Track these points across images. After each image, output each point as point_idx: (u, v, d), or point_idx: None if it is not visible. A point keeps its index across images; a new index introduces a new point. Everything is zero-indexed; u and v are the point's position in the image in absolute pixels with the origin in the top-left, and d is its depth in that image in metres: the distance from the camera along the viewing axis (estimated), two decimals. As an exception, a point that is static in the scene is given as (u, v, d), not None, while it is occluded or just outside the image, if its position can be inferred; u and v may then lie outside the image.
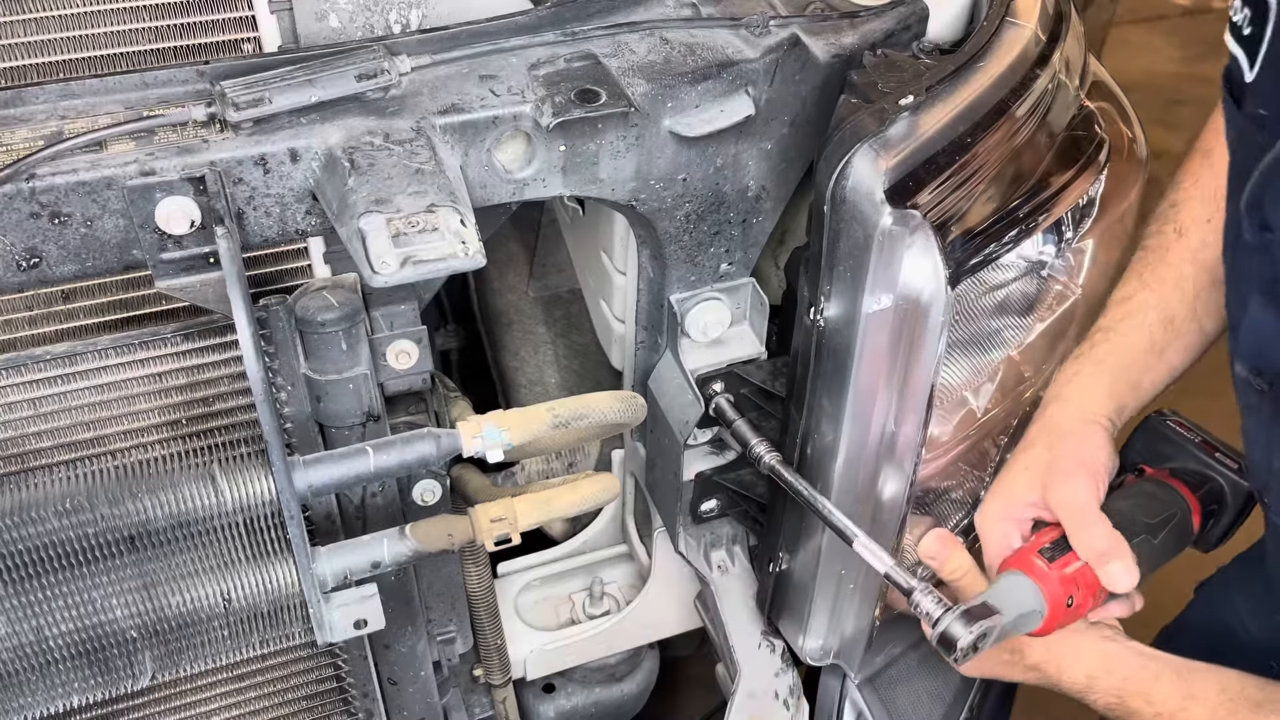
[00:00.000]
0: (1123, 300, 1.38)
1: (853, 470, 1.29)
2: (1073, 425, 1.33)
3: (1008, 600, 1.21)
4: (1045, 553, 1.26)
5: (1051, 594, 1.23)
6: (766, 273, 1.46)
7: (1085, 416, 1.33)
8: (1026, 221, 1.21)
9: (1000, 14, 1.26)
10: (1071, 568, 1.25)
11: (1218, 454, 1.43)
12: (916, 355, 1.17)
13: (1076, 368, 1.37)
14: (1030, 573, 1.24)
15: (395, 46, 1.11)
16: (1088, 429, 1.33)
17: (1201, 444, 1.45)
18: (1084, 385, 1.35)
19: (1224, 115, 1.19)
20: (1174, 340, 1.35)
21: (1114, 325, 1.37)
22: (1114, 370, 1.35)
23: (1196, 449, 1.44)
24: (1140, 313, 1.36)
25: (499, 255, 1.91)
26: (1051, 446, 1.33)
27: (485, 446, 1.16)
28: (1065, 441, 1.32)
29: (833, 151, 1.13)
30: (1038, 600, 1.22)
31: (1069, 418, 1.34)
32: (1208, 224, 1.33)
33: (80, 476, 1.10)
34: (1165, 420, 1.48)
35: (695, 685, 2.11)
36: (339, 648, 1.43)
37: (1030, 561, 1.26)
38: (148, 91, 1.08)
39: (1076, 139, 1.30)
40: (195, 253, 1.04)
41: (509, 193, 1.14)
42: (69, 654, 1.12)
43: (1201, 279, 1.34)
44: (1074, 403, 1.35)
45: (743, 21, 1.20)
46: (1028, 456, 1.34)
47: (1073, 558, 1.26)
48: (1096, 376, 1.35)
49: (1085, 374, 1.36)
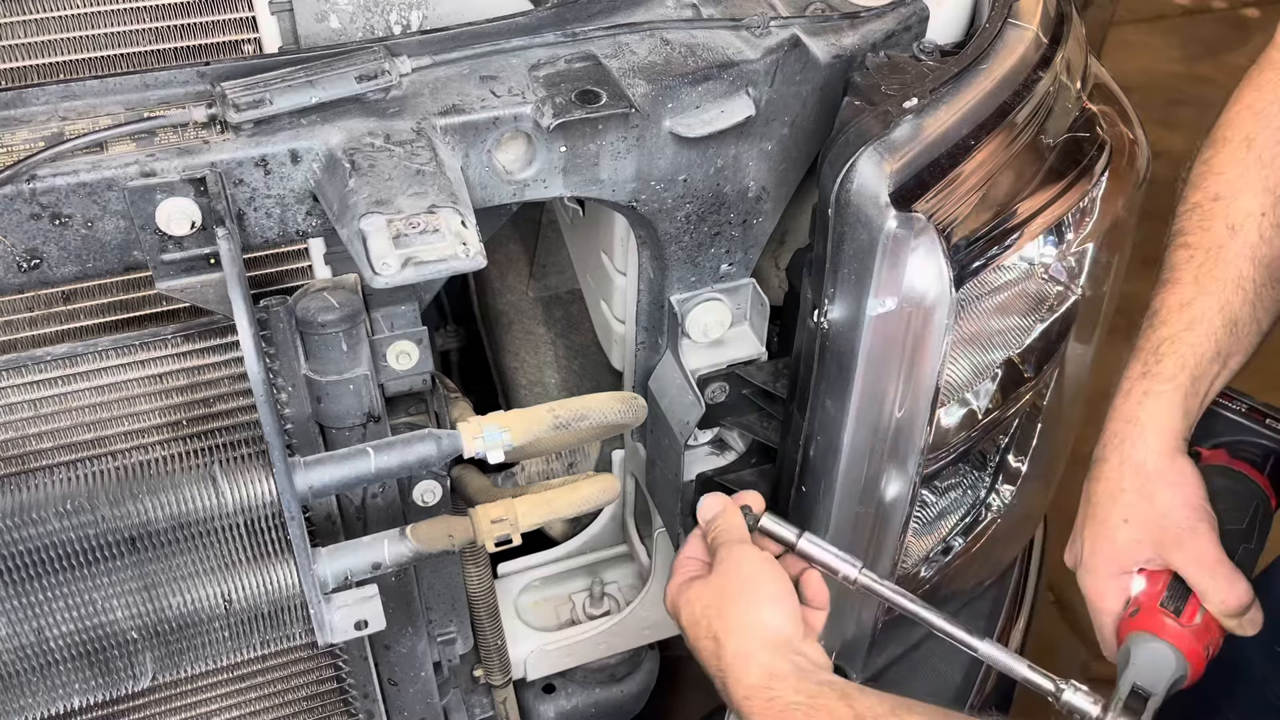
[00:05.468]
0: (1182, 306, 1.29)
1: (856, 472, 1.29)
2: (1161, 462, 1.26)
3: (1153, 674, 1.17)
4: (1168, 605, 1.21)
5: (1191, 651, 1.20)
6: (767, 273, 1.46)
7: (1168, 446, 1.26)
8: (1029, 224, 1.21)
9: (1002, 16, 1.26)
10: (1199, 616, 1.21)
11: (1268, 419, 1.36)
12: (921, 357, 1.18)
13: (1146, 386, 1.28)
14: (1164, 634, 1.20)
15: (396, 47, 1.11)
16: (1177, 464, 1.26)
17: (1249, 412, 1.37)
18: (1159, 408, 1.27)
19: None
20: (1237, 344, 1.29)
21: (1178, 335, 1.28)
22: (1185, 386, 1.27)
23: (1245, 419, 1.37)
24: (1204, 319, 1.27)
25: (499, 256, 1.91)
26: (1149, 494, 1.25)
27: (486, 447, 1.16)
28: (1162, 485, 1.25)
29: (837, 154, 1.13)
30: (1180, 664, 1.19)
31: (1153, 451, 1.26)
32: (1263, 218, 1.27)
33: (81, 477, 1.10)
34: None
35: (695, 685, 2.11)
36: (339, 648, 1.43)
37: (1161, 622, 1.20)
38: (148, 93, 1.08)
39: (1078, 141, 1.30)
40: (196, 254, 1.04)
41: (510, 194, 1.14)
42: (70, 655, 1.12)
43: (1260, 277, 1.27)
44: (1152, 430, 1.27)
45: (743, 22, 1.20)
46: (1122, 505, 1.26)
47: (1195, 602, 1.21)
48: (1171, 396, 1.27)
49: (1158, 394, 1.27)
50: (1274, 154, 1.29)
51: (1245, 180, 1.30)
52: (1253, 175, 1.30)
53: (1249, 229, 1.28)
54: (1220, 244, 1.29)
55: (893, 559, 1.41)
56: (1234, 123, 1.33)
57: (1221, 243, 1.29)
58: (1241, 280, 1.28)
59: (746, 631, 1.15)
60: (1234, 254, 1.29)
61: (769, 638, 1.14)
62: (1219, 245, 1.29)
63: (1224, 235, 1.29)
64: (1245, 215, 1.29)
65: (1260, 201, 1.28)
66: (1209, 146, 1.35)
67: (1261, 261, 1.28)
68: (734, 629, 1.16)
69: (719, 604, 1.18)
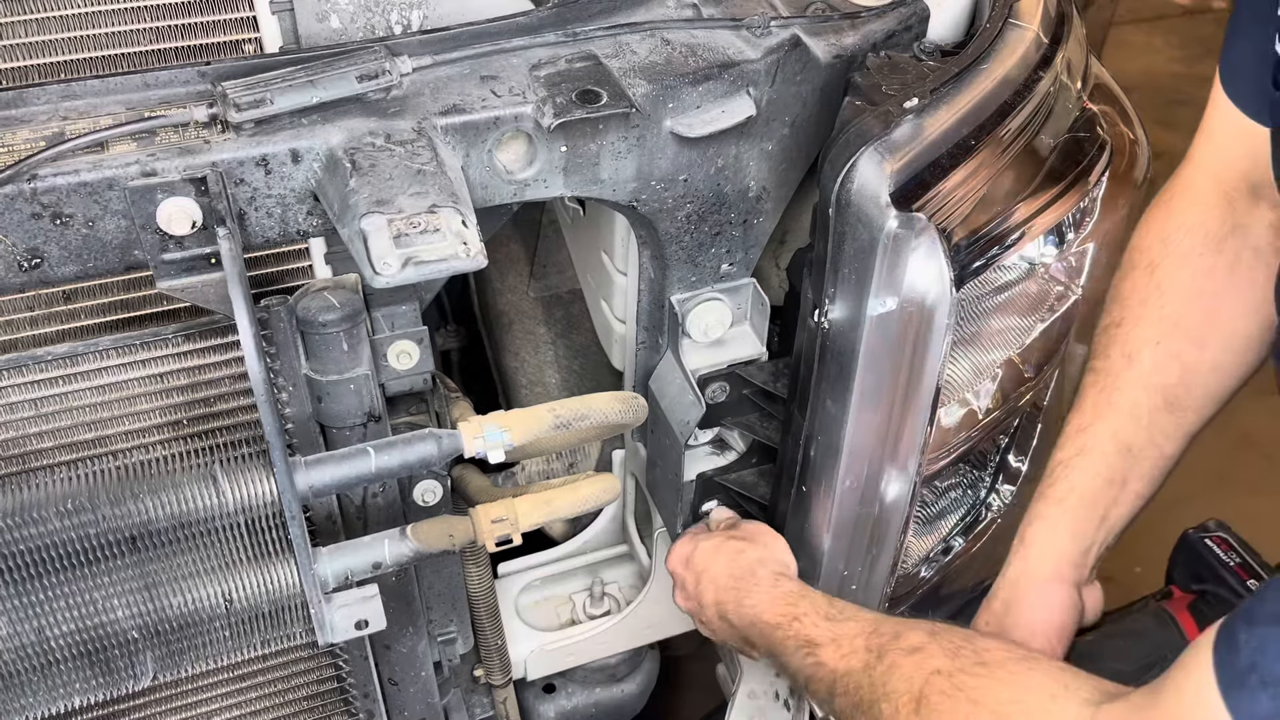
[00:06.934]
0: (1078, 432, 1.33)
1: (856, 472, 1.29)
2: (1030, 583, 1.31)
3: None
4: None
5: None
6: (767, 273, 1.46)
7: (1044, 573, 1.30)
8: (1029, 224, 1.21)
9: (1003, 16, 1.26)
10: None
11: (1251, 580, 1.32)
12: (921, 357, 1.18)
13: (1038, 509, 1.33)
14: None
15: (396, 47, 1.11)
16: (1045, 590, 1.30)
17: (1237, 568, 1.34)
18: (1042, 530, 1.32)
19: None
20: (1134, 468, 1.30)
21: (1071, 460, 1.32)
22: (1075, 509, 1.30)
23: (1229, 573, 1.34)
24: (1097, 445, 1.30)
25: (500, 256, 1.91)
26: (1009, 609, 1.31)
27: (487, 447, 1.16)
28: (1022, 605, 1.30)
29: (838, 154, 1.13)
30: None
31: (1028, 574, 1.31)
32: (1158, 346, 1.30)
33: (82, 477, 1.10)
34: (1204, 538, 1.38)
35: (695, 685, 2.11)
36: (340, 648, 1.43)
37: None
38: (149, 92, 1.08)
39: (1079, 141, 1.30)
40: (197, 253, 1.04)
41: (510, 193, 1.14)
42: (71, 654, 1.12)
43: (1154, 402, 1.29)
44: (1034, 553, 1.31)
45: (744, 22, 1.20)
46: (989, 611, 1.33)
47: None
48: (1058, 520, 1.31)
49: (1044, 516, 1.32)
50: (1173, 281, 1.31)
51: (1144, 308, 1.32)
52: (1151, 303, 1.31)
53: (1143, 357, 1.31)
54: (1117, 371, 1.32)
55: (893, 559, 1.41)
56: (1140, 247, 1.35)
57: (1118, 370, 1.32)
58: (1135, 408, 1.30)
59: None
60: (1128, 381, 1.31)
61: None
62: (1116, 372, 1.32)
63: (1120, 363, 1.32)
64: (1141, 343, 1.31)
65: (1156, 330, 1.30)
66: (1120, 270, 1.37)
67: (1155, 389, 1.30)
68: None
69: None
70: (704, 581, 1.38)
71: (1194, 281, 1.30)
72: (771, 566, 1.35)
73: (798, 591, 1.29)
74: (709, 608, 1.38)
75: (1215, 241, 1.29)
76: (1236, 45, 1.22)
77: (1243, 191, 1.29)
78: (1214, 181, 1.31)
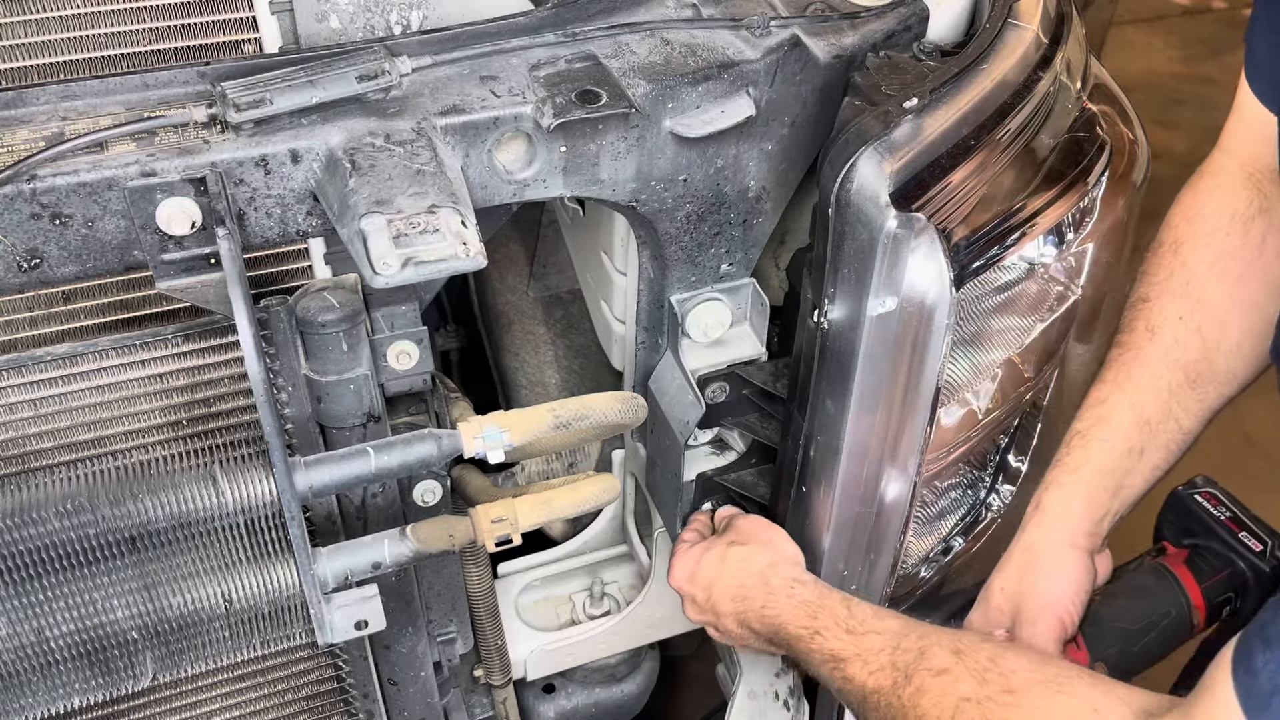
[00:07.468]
0: (1097, 403, 1.35)
1: (856, 472, 1.29)
2: (1046, 550, 1.32)
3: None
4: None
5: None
6: (767, 273, 1.46)
7: (1060, 539, 1.32)
8: (1029, 224, 1.21)
9: (1002, 16, 1.26)
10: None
11: (1243, 533, 1.36)
12: (921, 357, 1.18)
13: (1054, 476, 1.35)
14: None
15: (396, 47, 1.11)
16: (1062, 555, 1.31)
17: (1228, 521, 1.38)
18: (1059, 497, 1.33)
19: None
20: (1151, 440, 1.32)
21: (1088, 430, 1.34)
22: (1090, 478, 1.32)
23: (1220, 526, 1.37)
24: (1114, 416, 1.33)
25: (499, 256, 1.91)
26: (1025, 574, 1.33)
27: (486, 447, 1.16)
28: (1038, 570, 1.32)
29: (837, 154, 1.13)
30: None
31: (1044, 541, 1.33)
32: (1180, 321, 1.32)
33: (81, 477, 1.10)
34: (1193, 494, 1.41)
35: (695, 685, 2.12)
36: (339, 648, 1.43)
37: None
38: (149, 92, 1.08)
39: (1078, 141, 1.30)
40: (196, 253, 1.04)
41: (510, 193, 1.14)
42: (70, 655, 1.12)
43: (1175, 378, 1.32)
44: (1050, 517, 1.33)
45: (743, 22, 1.20)
46: (1003, 576, 1.35)
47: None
48: (1073, 487, 1.33)
49: (1061, 484, 1.34)
50: (1198, 258, 1.33)
51: (1169, 284, 1.35)
52: (1175, 280, 1.34)
53: (1165, 332, 1.33)
54: (1140, 345, 1.35)
55: (893, 559, 1.41)
56: (1169, 225, 1.38)
57: (1140, 343, 1.35)
58: (1155, 381, 1.33)
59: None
60: (1149, 355, 1.34)
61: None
62: (1138, 346, 1.35)
63: (1143, 336, 1.35)
64: (1164, 319, 1.34)
65: (1179, 305, 1.33)
66: (1150, 248, 1.40)
67: (1176, 364, 1.32)
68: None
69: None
70: (715, 593, 1.37)
71: (1218, 260, 1.32)
72: (782, 571, 1.33)
73: (815, 601, 1.27)
74: (727, 618, 1.36)
75: (1242, 222, 1.32)
76: (1257, 40, 1.24)
77: (1269, 177, 1.31)
78: (1241, 166, 1.33)
